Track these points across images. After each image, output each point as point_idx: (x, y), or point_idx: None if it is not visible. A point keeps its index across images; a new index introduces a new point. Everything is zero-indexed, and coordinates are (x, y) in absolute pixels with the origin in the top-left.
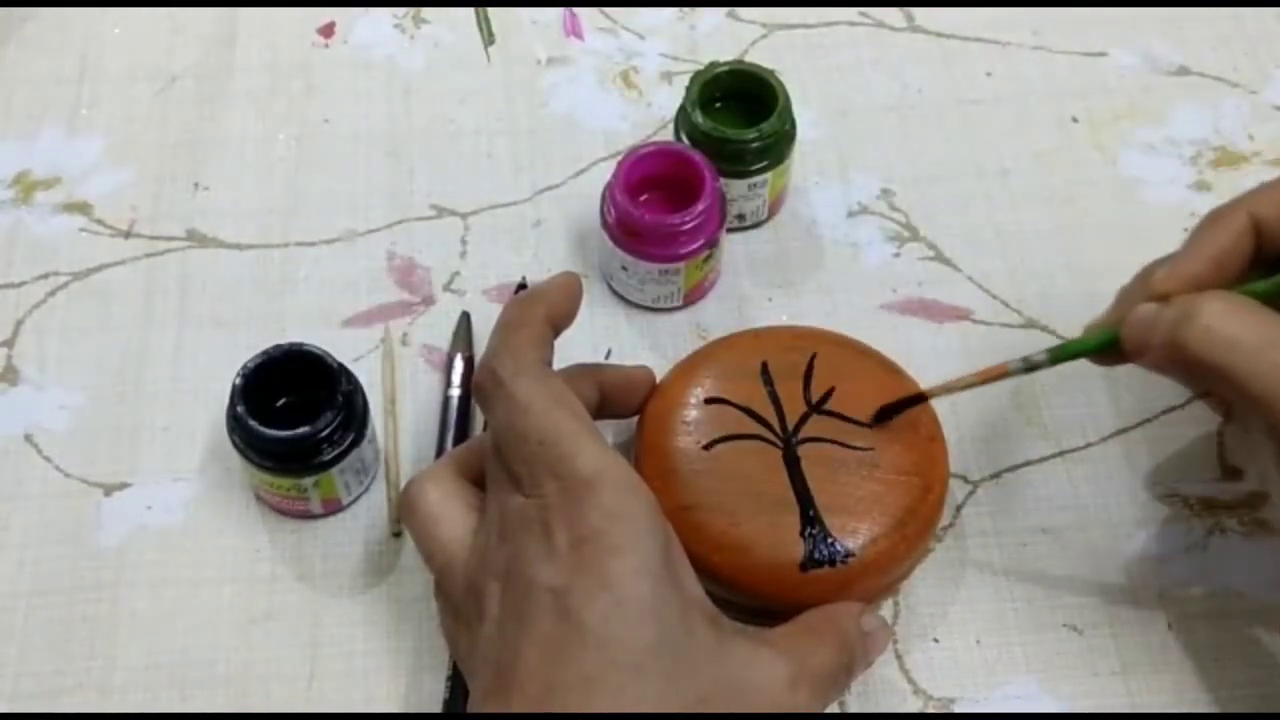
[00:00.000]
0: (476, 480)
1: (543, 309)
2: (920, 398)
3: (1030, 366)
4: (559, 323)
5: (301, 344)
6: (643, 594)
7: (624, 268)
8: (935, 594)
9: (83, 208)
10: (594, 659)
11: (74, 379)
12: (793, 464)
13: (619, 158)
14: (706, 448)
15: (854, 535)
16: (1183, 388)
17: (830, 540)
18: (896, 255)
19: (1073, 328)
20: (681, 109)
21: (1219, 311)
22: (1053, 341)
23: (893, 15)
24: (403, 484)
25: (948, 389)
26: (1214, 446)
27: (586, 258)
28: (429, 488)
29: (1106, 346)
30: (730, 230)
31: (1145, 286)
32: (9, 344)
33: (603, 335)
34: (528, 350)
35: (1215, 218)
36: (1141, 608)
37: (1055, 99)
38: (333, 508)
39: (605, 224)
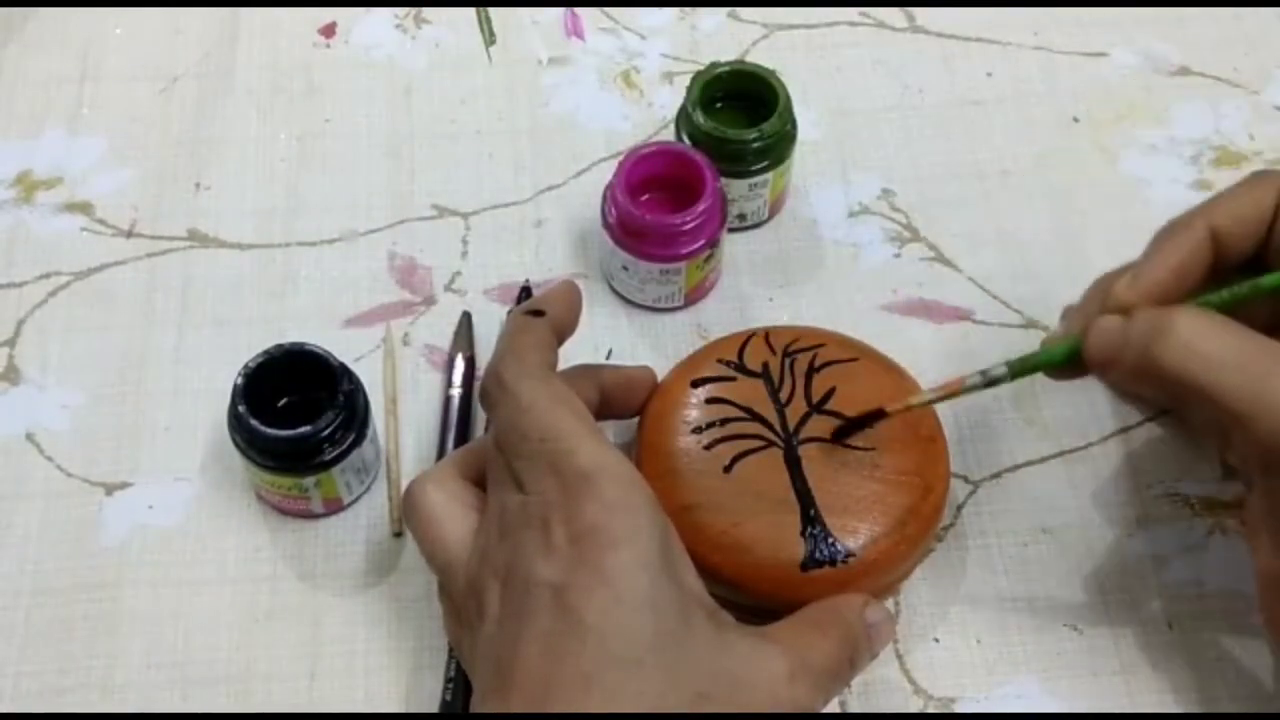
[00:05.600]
0: (478, 481)
1: (546, 317)
2: (880, 414)
3: (989, 381)
4: (562, 330)
5: (303, 344)
6: (641, 588)
7: (625, 268)
8: (935, 594)
9: (84, 207)
10: (592, 655)
11: (75, 378)
12: (793, 464)
13: (620, 158)
14: (707, 448)
15: (854, 535)
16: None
17: (831, 540)
18: (897, 256)
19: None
20: (682, 109)
21: (1196, 328)
22: None
23: (893, 15)
24: (404, 484)
25: (907, 406)
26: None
27: (587, 258)
28: (431, 488)
29: (1069, 359)
30: (731, 230)
31: (1103, 297)
32: (11, 344)
33: (604, 335)
34: (531, 354)
35: (1174, 228)
36: (1141, 608)
37: (1056, 99)
38: (334, 507)
39: (606, 224)
